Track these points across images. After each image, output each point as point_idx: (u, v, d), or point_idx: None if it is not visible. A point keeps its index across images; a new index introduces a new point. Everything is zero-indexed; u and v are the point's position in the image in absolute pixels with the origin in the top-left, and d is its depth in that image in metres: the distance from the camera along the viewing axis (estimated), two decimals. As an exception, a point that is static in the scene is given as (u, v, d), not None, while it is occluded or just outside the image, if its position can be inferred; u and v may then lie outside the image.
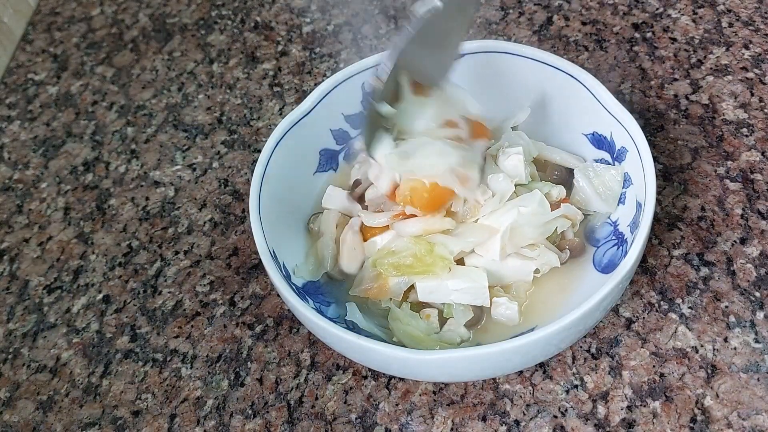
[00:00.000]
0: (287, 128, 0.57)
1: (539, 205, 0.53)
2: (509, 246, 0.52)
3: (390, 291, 0.53)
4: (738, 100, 0.65)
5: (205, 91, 0.76)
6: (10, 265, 0.66)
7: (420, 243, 0.53)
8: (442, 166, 0.51)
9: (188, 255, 0.63)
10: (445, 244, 0.52)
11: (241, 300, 0.60)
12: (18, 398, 0.57)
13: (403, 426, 0.52)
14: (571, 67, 0.57)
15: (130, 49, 0.82)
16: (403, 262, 0.52)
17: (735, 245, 0.56)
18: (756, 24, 0.70)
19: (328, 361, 0.55)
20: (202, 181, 0.69)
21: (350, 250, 0.55)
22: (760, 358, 0.51)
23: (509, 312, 0.52)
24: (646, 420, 0.49)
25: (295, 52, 0.77)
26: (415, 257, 0.52)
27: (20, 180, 0.72)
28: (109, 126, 0.75)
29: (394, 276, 0.53)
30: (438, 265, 0.52)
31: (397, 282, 0.53)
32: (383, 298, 0.53)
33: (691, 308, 0.54)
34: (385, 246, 0.54)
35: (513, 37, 0.73)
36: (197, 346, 0.58)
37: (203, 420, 0.54)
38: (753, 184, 0.59)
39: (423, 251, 0.52)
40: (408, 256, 0.52)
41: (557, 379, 0.52)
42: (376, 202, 0.56)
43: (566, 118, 0.59)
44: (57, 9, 0.89)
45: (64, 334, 0.60)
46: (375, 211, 0.56)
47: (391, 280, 0.53)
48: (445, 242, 0.52)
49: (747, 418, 0.49)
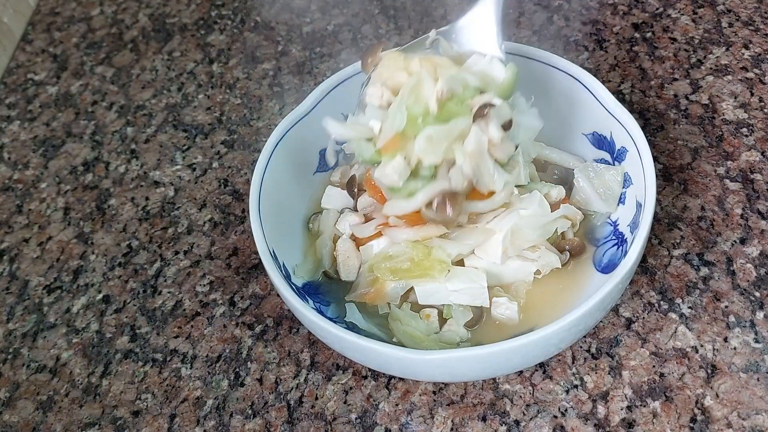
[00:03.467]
0: (287, 128, 0.57)
1: (539, 207, 0.53)
2: (510, 249, 0.52)
3: (387, 295, 0.53)
4: (738, 100, 0.65)
5: (205, 91, 0.76)
6: (10, 265, 0.66)
7: (417, 247, 0.52)
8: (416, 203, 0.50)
9: (188, 255, 0.63)
10: (442, 248, 0.52)
11: (241, 300, 0.60)
12: (18, 398, 0.57)
13: (403, 426, 0.52)
14: (571, 67, 0.57)
15: (129, 49, 0.82)
16: (400, 267, 0.52)
17: (735, 245, 0.56)
18: (756, 24, 0.70)
19: (328, 361, 0.55)
20: (202, 181, 0.69)
21: (345, 259, 0.55)
22: (760, 358, 0.51)
23: (509, 312, 0.52)
24: (646, 420, 0.49)
25: (295, 52, 0.77)
26: (412, 261, 0.52)
27: (20, 180, 0.72)
28: (109, 126, 0.75)
29: (391, 280, 0.52)
30: (436, 269, 0.52)
31: (394, 286, 0.53)
32: (380, 302, 0.53)
33: (691, 308, 0.54)
34: (382, 250, 0.54)
35: (513, 37, 0.73)
36: (197, 346, 0.58)
37: (203, 420, 0.54)
38: (753, 184, 0.59)
39: (420, 255, 0.52)
40: (405, 260, 0.52)
41: (557, 379, 0.52)
42: (367, 208, 0.56)
43: (566, 118, 0.59)
44: (57, 9, 0.89)
45: (63, 334, 0.60)
46: (365, 216, 0.56)
47: (388, 285, 0.53)
48: (443, 246, 0.52)
49: (747, 418, 0.49)
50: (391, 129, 0.49)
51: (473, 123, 0.49)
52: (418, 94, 0.49)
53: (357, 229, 0.55)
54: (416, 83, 0.49)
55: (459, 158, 0.49)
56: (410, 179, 0.49)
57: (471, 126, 0.49)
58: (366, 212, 0.56)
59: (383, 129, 0.49)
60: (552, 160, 0.58)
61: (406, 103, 0.49)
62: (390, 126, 0.49)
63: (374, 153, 0.50)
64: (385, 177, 0.49)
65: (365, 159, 0.51)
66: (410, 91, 0.49)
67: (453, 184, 0.49)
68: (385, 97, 0.50)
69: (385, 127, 0.49)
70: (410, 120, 0.49)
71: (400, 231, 0.53)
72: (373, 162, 0.50)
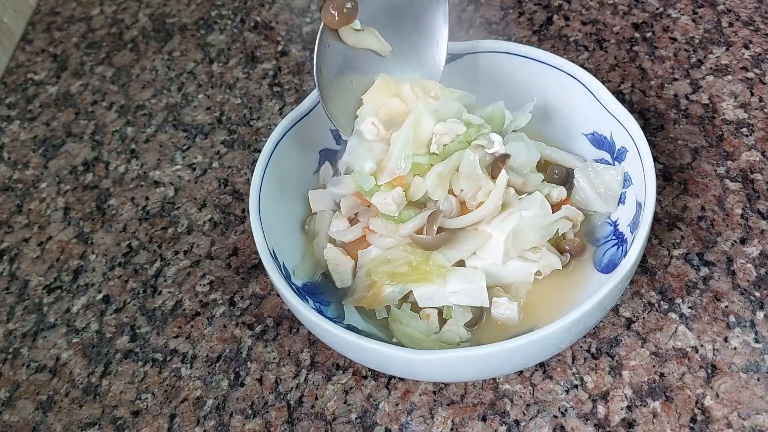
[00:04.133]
0: (287, 128, 0.57)
1: (540, 208, 0.53)
2: (512, 250, 0.52)
3: (385, 299, 0.53)
4: (738, 99, 0.65)
5: (204, 91, 0.76)
6: (10, 265, 0.66)
7: (416, 251, 0.52)
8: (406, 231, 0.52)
9: (188, 255, 0.63)
10: (442, 252, 0.52)
11: (241, 300, 0.60)
12: (18, 398, 0.57)
13: (403, 426, 0.52)
14: (571, 67, 0.57)
15: (129, 49, 0.82)
16: (398, 271, 0.52)
17: (735, 245, 0.56)
18: (756, 24, 0.70)
19: (328, 361, 0.55)
20: (202, 181, 0.69)
21: (335, 267, 0.55)
22: (760, 358, 0.51)
23: (509, 312, 0.52)
24: (646, 420, 0.49)
25: (295, 52, 0.77)
26: (410, 265, 0.52)
27: (20, 180, 0.72)
28: (108, 126, 0.75)
29: (389, 284, 0.52)
30: (434, 273, 0.51)
31: (391, 290, 0.52)
32: (378, 306, 0.53)
33: (691, 308, 0.54)
34: (380, 254, 0.54)
35: (513, 37, 0.73)
36: (197, 346, 0.58)
37: (203, 420, 0.54)
38: (753, 183, 0.59)
39: (420, 259, 0.52)
40: (403, 264, 0.52)
41: (557, 379, 0.52)
42: (351, 209, 0.56)
43: (566, 118, 0.59)
44: (57, 9, 0.89)
45: (63, 334, 0.60)
46: (349, 218, 0.56)
47: (386, 289, 0.52)
48: (443, 250, 0.52)
49: (747, 418, 0.49)
50: (396, 171, 0.52)
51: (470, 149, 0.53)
52: (419, 135, 0.53)
53: (341, 234, 0.56)
54: (416, 120, 0.53)
55: (457, 187, 0.53)
56: (404, 207, 0.53)
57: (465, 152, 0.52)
58: (350, 214, 0.56)
59: (387, 168, 0.52)
60: (552, 160, 0.58)
61: (408, 146, 0.52)
62: (394, 167, 0.52)
63: (374, 186, 0.53)
64: (382, 206, 0.52)
65: (365, 191, 0.53)
66: (412, 128, 0.52)
67: (444, 209, 0.53)
68: (380, 133, 0.53)
69: (389, 165, 0.52)
70: (414, 165, 0.52)
71: (383, 238, 0.54)
72: (372, 193, 0.53)
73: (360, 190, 0.53)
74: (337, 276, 0.55)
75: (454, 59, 0.61)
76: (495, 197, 0.52)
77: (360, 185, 0.53)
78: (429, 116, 0.53)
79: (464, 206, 0.54)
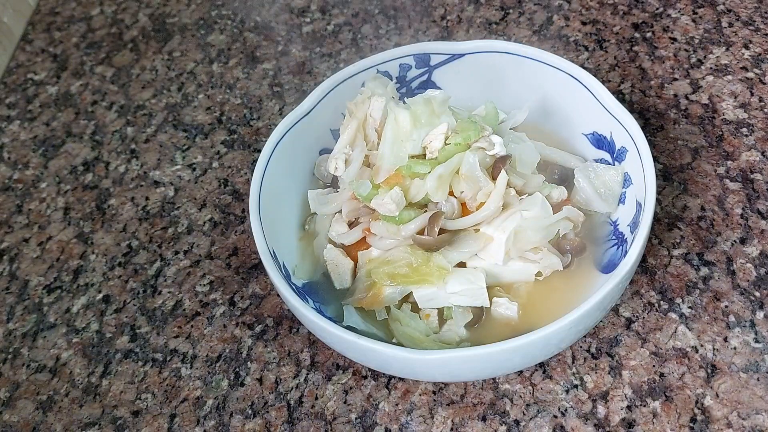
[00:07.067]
0: (287, 128, 0.57)
1: (541, 209, 0.53)
2: (513, 250, 0.52)
3: (384, 300, 0.53)
4: (738, 99, 0.65)
5: (205, 91, 0.76)
6: (10, 265, 0.66)
7: (416, 252, 0.52)
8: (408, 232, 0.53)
9: (188, 255, 0.63)
10: (443, 253, 0.52)
11: (241, 300, 0.60)
12: (18, 398, 0.57)
13: (403, 426, 0.52)
14: (571, 67, 0.57)
15: (129, 49, 0.82)
16: (398, 272, 0.52)
17: (735, 245, 0.56)
18: (756, 24, 0.70)
19: (328, 361, 0.55)
20: (201, 181, 0.69)
21: (334, 268, 0.55)
22: (760, 358, 0.51)
23: (509, 312, 0.52)
24: (646, 420, 0.49)
25: (295, 52, 0.77)
26: (410, 267, 0.52)
27: (20, 180, 0.72)
28: (108, 126, 0.75)
29: (389, 285, 0.52)
30: (434, 275, 0.51)
31: (391, 291, 0.52)
32: (377, 307, 0.53)
33: (691, 308, 0.54)
34: (380, 255, 0.54)
35: (513, 37, 0.73)
36: (197, 346, 0.58)
37: (203, 420, 0.54)
38: (753, 183, 0.59)
39: (420, 260, 0.52)
40: (403, 265, 0.52)
41: (557, 379, 0.52)
42: (353, 212, 0.56)
43: (566, 118, 0.59)
44: (57, 9, 0.89)
45: (63, 334, 0.60)
46: (349, 222, 0.56)
47: (386, 290, 0.52)
48: (444, 251, 0.52)
49: (747, 418, 0.49)
50: (390, 168, 0.53)
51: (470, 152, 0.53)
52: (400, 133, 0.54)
53: (342, 237, 0.56)
54: (393, 119, 0.54)
55: (457, 188, 0.53)
56: (405, 208, 0.53)
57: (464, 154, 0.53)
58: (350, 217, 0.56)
59: (381, 167, 0.53)
60: (552, 160, 0.58)
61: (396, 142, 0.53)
62: (388, 164, 0.53)
63: (371, 190, 0.53)
64: (382, 207, 0.52)
65: (363, 196, 0.53)
66: (393, 125, 0.53)
67: (446, 210, 0.53)
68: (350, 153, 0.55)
69: (382, 164, 0.53)
70: (413, 173, 0.53)
71: (382, 241, 0.54)
72: (370, 198, 0.53)
73: (359, 197, 0.53)
74: (337, 276, 0.55)
75: (454, 59, 0.61)
76: (495, 198, 0.52)
77: (358, 192, 0.53)
78: (403, 112, 0.53)
79: (465, 208, 0.54)
